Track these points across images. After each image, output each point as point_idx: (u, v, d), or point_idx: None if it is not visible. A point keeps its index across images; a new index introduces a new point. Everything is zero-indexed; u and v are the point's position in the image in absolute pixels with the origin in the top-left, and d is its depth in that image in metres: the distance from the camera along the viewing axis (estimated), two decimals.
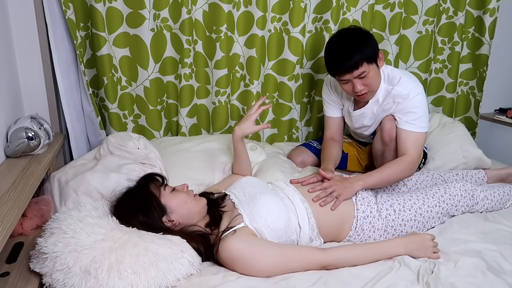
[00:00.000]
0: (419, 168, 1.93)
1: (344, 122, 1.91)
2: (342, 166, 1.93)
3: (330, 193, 1.43)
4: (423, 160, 1.94)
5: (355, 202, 1.46)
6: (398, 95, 1.61)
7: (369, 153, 1.92)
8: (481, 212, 1.56)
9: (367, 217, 1.42)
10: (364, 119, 1.77)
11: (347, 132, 2.11)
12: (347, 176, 1.61)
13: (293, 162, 1.93)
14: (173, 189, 1.35)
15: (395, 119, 1.63)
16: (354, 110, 1.78)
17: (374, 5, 2.08)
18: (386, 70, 1.68)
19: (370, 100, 1.69)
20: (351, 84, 1.60)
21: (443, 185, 1.55)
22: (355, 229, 1.40)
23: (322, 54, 2.04)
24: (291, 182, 1.55)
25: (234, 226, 1.26)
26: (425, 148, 1.96)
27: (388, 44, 2.16)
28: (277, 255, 1.21)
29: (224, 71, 1.98)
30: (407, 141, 1.58)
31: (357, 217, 1.41)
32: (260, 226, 1.27)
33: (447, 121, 2.19)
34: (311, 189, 1.47)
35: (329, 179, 1.52)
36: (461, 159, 1.97)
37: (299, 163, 1.94)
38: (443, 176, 1.81)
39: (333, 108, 1.87)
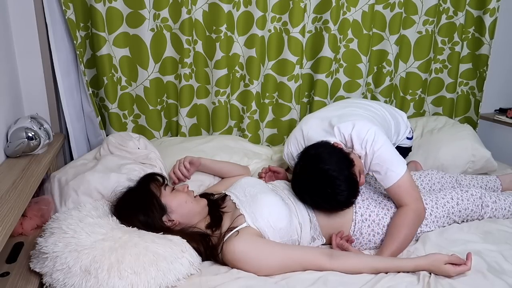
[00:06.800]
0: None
1: None
2: None
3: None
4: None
5: (354, 205, 1.43)
6: (359, 154, 1.45)
7: None
8: None
9: (366, 220, 1.40)
10: None
11: None
12: None
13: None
14: (173, 189, 1.35)
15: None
16: None
17: (374, 5, 2.07)
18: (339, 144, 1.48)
19: None
20: None
21: (456, 192, 1.48)
22: (353, 232, 1.39)
23: (322, 54, 2.07)
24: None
25: (237, 227, 1.26)
26: (409, 138, 1.86)
27: (388, 44, 2.16)
28: (282, 257, 1.21)
29: (224, 71, 1.98)
30: (397, 195, 1.41)
31: (355, 220, 1.40)
32: (262, 225, 1.27)
33: (455, 122, 2.21)
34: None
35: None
36: (469, 157, 1.97)
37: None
38: (456, 177, 1.74)
39: None
